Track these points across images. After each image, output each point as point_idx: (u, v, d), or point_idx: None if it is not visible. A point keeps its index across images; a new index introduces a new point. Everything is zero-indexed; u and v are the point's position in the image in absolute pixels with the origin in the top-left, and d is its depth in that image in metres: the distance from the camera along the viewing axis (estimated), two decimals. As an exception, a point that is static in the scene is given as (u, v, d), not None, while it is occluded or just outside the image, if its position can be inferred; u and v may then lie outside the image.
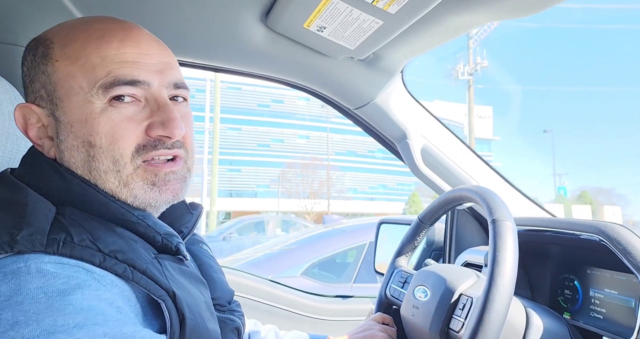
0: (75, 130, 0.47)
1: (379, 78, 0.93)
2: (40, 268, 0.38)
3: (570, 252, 0.81)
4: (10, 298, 0.35)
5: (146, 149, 0.48)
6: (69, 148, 0.48)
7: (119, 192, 0.48)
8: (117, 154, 0.47)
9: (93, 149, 0.47)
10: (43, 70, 0.49)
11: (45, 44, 0.49)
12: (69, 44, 0.48)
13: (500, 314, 0.56)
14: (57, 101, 0.48)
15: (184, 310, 0.44)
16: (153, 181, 0.49)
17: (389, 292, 0.85)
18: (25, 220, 0.41)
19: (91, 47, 0.48)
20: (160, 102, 0.49)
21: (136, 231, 0.47)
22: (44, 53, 0.49)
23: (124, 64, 0.48)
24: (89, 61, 0.47)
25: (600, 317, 0.71)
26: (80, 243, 0.41)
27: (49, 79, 0.48)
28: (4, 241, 0.38)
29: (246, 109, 31.23)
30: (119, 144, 0.47)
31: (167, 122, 0.48)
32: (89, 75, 0.47)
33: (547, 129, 30.04)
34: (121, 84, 0.47)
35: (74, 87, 0.47)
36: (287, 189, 27.45)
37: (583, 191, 27.51)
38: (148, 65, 0.49)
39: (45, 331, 0.34)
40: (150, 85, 0.49)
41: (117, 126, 0.47)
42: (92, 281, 0.39)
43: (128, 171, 0.48)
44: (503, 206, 0.64)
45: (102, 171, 0.47)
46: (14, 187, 0.45)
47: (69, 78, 0.48)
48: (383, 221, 1.42)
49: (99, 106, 0.47)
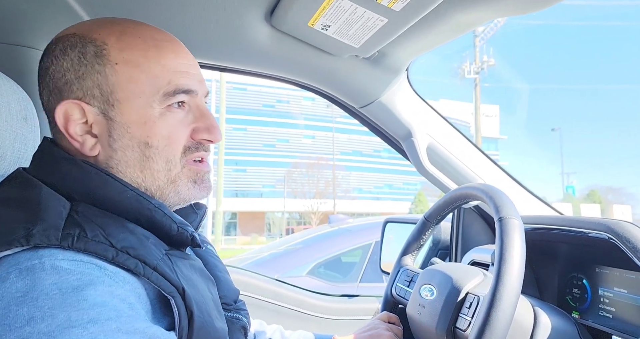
0: (132, 131, 0.50)
1: (384, 76, 0.93)
2: (55, 265, 0.39)
3: (579, 251, 0.80)
4: (26, 294, 0.36)
5: (191, 150, 0.53)
6: (123, 147, 0.50)
7: (164, 188, 0.52)
8: (170, 155, 0.52)
9: (149, 150, 0.51)
10: (98, 70, 0.50)
11: (95, 44, 0.51)
12: (126, 49, 0.51)
13: (507, 313, 0.56)
14: (114, 101, 0.50)
15: (193, 307, 0.44)
16: (195, 179, 0.54)
17: (395, 291, 0.84)
18: (40, 216, 0.42)
19: (151, 56, 0.51)
20: (203, 109, 0.55)
21: (151, 221, 0.48)
22: (98, 53, 0.50)
23: (180, 74, 0.52)
24: (151, 68, 0.51)
25: (610, 316, 0.70)
26: (94, 238, 0.42)
27: (107, 80, 0.50)
28: (20, 235, 0.39)
29: (251, 109, 31.32)
30: (173, 145, 0.52)
31: (212, 128, 0.54)
32: (151, 82, 0.51)
33: (555, 128, 29.81)
34: (180, 93, 0.52)
35: (135, 91, 0.50)
36: (292, 189, 27.48)
37: (592, 189, 27.25)
38: (194, 76, 0.54)
39: (60, 326, 0.35)
40: (197, 94, 0.54)
41: (172, 129, 0.52)
42: (105, 277, 0.40)
43: (177, 169, 0.53)
44: (510, 204, 0.63)
45: (155, 169, 0.51)
46: (28, 185, 0.46)
47: (131, 82, 0.50)
48: (389, 220, 1.42)
49: (157, 110, 0.51)
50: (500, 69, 36.95)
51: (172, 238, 0.49)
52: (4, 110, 0.53)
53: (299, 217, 29.05)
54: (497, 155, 33.87)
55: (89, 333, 0.35)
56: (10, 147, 0.55)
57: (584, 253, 0.79)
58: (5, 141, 0.53)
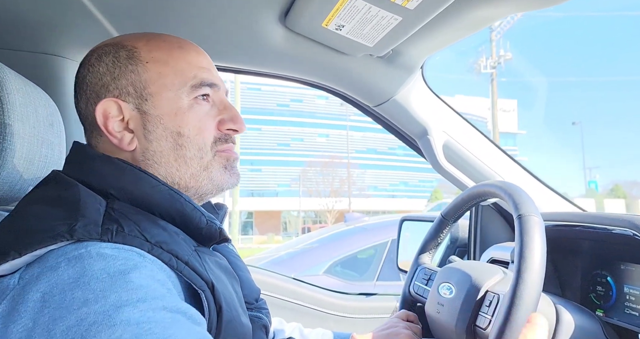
0: (165, 122, 0.54)
1: (398, 75, 0.93)
2: (100, 252, 0.42)
3: (602, 248, 0.78)
4: (78, 280, 0.39)
5: (220, 141, 0.57)
6: (157, 138, 0.54)
7: (198, 174, 0.55)
8: (202, 143, 0.55)
9: (182, 138, 0.54)
10: (132, 69, 0.54)
11: (126, 49, 0.55)
12: (154, 51, 0.55)
13: (528, 311, 0.55)
14: (147, 96, 0.54)
15: (222, 302, 0.46)
16: (225, 165, 0.57)
17: (413, 289, 0.84)
18: (80, 213, 0.44)
19: (176, 54, 0.56)
20: (226, 103, 0.59)
21: (182, 213, 0.51)
22: (130, 56, 0.55)
23: (204, 70, 0.57)
24: (178, 65, 0.55)
25: (636, 314, 0.68)
26: (130, 233, 0.45)
27: (139, 77, 0.54)
28: (63, 230, 0.42)
29: (266, 109, 31.49)
30: (203, 134, 0.55)
31: (236, 118, 0.58)
32: (179, 76, 0.55)
33: (575, 122, 29.03)
34: (205, 85, 0.56)
35: (166, 84, 0.54)
36: (307, 188, 27.54)
37: (616, 184, 26.49)
38: (215, 73, 0.59)
39: (114, 306, 0.38)
40: (219, 89, 0.58)
41: (201, 119, 0.55)
42: (146, 262, 0.43)
43: (209, 157, 0.56)
44: (529, 201, 0.63)
45: (189, 157, 0.55)
46: (66, 184, 0.49)
47: (161, 77, 0.54)
48: (405, 218, 1.41)
49: (186, 101, 0.55)
50: (518, 62, 36.14)
51: (202, 232, 0.52)
52: (31, 116, 0.56)
53: (314, 216, 29.10)
54: (516, 150, 33.23)
55: (139, 310, 0.38)
56: (38, 152, 0.57)
57: (608, 250, 0.77)
58: (33, 146, 0.56)
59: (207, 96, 0.56)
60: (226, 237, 0.54)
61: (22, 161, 0.54)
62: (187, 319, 0.40)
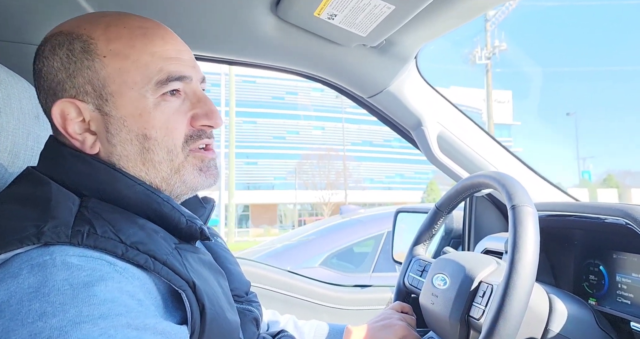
0: (129, 124, 0.49)
1: (392, 65, 0.92)
2: (65, 261, 0.39)
3: (595, 237, 0.79)
4: (38, 290, 0.37)
5: (193, 139, 0.52)
6: (121, 142, 0.50)
7: (169, 178, 0.51)
8: (171, 144, 0.51)
9: (148, 142, 0.50)
10: (88, 65, 0.49)
11: (81, 40, 0.49)
12: (113, 41, 0.49)
13: (521, 301, 0.55)
14: (107, 96, 0.49)
15: (204, 300, 0.44)
16: (200, 167, 0.53)
17: (408, 280, 0.84)
18: (50, 213, 0.42)
19: (139, 45, 0.50)
20: (200, 95, 0.53)
21: (160, 214, 0.48)
22: (85, 49, 0.49)
23: (171, 60, 0.50)
24: (140, 58, 0.49)
25: (628, 302, 0.69)
26: (103, 235, 0.42)
27: (97, 74, 0.49)
28: (31, 233, 0.40)
29: (261, 102, 31.33)
30: (172, 135, 0.51)
31: (210, 113, 0.52)
32: (142, 71, 0.49)
33: (570, 112, 29.18)
34: (173, 80, 0.50)
35: (127, 82, 0.49)
36: (304, 181, 27.55)
37: (609, 174, 26.71)
38: (186, 61, 0.52)
39: (72, 321, 0.35)
40: (191, 80, 0.52)
41: (169, 118, 0.50)
42: (115, 273, 0.40)
43: (180, 159, 0.52)
44: (523, 191, 0.62)
45: (157, 161, 0.50)
46: (38, 182, 0.47)
47: (122, 74, 0.49)
48: (400, 210, 1.41)
49: (152, 100, 0.50)
50: (513, 53, 36.17)
51: (182, 232, 0.49)
52: (16, 109, 0.54)
53: (310, 209, 29.16)
54: (511, 141, 33.39)
55: (99, 329, 0.35)
56: (24, 146, 0.56)
57: (601, 239, 0.77)
58: (18, 139, 0.54)
59: (177, 91, 0.51)
60: (207, 237, 0.51)
61: (6, 155, 0.52)
62: (157, 335, 0.38)
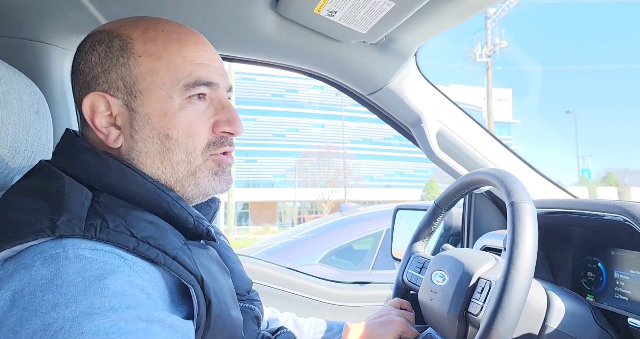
0: (153, 122, 0.51)
1: (392, 62, 0.92)
2: (78, 254, 0.40)
3: (593, 234, 0.79)
4: (51, 281, 0.37)
5: (216, 145, 0.53)
6: (143, 139, 0.51)
7: (184, 180, 0.52)
8: (191, 147, 0.52)
9: (169, 142, 0.51)
10: (123, 63, 0.51)
11: (121, 39, 0.52)
12: (149, 42, 0.52)
13: (520, 297, 0.56)
14: (136, 93, 0.51)
15: (211, 296, 0.45)
16: (216, 171, 0.54)
17: (407, 277, 0.85)
18: (64, 207, 0.43)
19: (172, 48, 0.52)
20: (224, 103, 0.55)
21: (169, 213, 0.49)
22: (123, 47, 0.51)
23: (201, 66, 0.52)
24: (172, 60, 0.51)
25: (626, 299, 0.69)
26: (116, 229, 0.43)
27: (130, 72, 0.51)
28: (45, 226, 0.41)
29: (261, 99, 31.28)
30: (193, 138, 0.52)
31: (233, 120, 0.54)
32: (172, 73, 0.51)
33: (569, 110, 29.20)
34: (201, 84, 0.52)
35: (156, 82, 0.51)
36: (303, 179, 27.55)
37: (608, 172, 26.73)
38: (216, 69, 0.54)
39: (84, 313, 0.36)
40: (218, 86, 0.54)
41: (192, 121, 0.52)
42: (125, 267, 0.41)
43: (198, 162, 0.53)
44: (521, 188, 0.63)
45: (175, 161, 0.52)
46: (52, 176, 0.48)
47: (153, 73, 0.51)
48: (399, 207, 1.42)
49: (177, 102, 0.51)
50: (513, 51, 36.09)
51: (189, 231, 0.50)
52: (16, 104, 0.54)
53: (310, 207, 29.18)
54: (511, 139, 33.36)
55: (110, 320, 0.36)
56: (24, 141, 0.56)
57: (599, 236, 0.77)
58: (19, 135, 0.55)
59: (203, 95, 0.53)
60: (213, 238, 0.52)
61: (7, 150, 0.53)
62: (165, 328, 0.39)
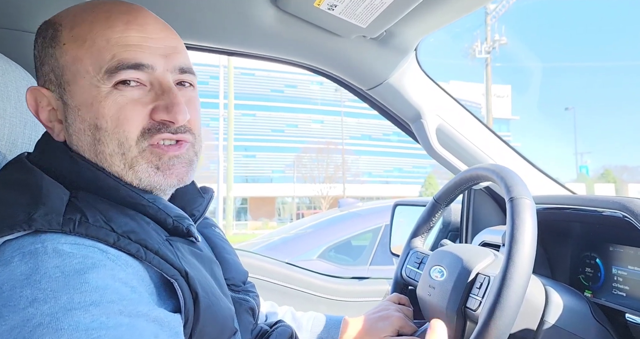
0: (82, 113, 0.48)
1: (392, 57, 0.91)
2: (57, 248, 0.39)
3: (592, 230, 0.79)
4: (29, 277, 0.37)
5: (151, 132, 0.48)
6: (76, 132, 0.49)
7: (124, 174, 0.49)
8: (122, 136, 0.48)
9: (99, 132, 0.47)
10: (52, 53, 0.49)
11: (54, 27, 0.49)
12: (76, 27, 0.48)
13: (518, 293, 0.56)
14: (64, 84, 0.48)
15: (197, 289, 0.44)
16: (157, 164, 0.49)
17: (405, 272, 0.85)
18: (41, 200, 0.42)
19: (97, 30, 0.48)
20: (165, 86, 0.49)
21: (147, 214, 0.48)
22: (53, 36, 0.49)
23: (128, 47, 0.47)
24: (95, 44, 0.47)
25: (623, 294, 0.70)
26: (95, 223, 0.42)
27: (57, 63, 0.49)
28: (21, 219, 0.39)
29: (260, 94, 31.19)
30: (124, 127, 0.47)
31: (171, 106, 0.48)
32: (94, 59, 0.47)
33: (568, 107, 29.19)
34: (125, 68, 0.47)
35: (80, 71, 0.48)
36: (302, 174, 27.55)
37: (606, 169, 26.80)
38: (153, 49, 0.49)
39: (63, 308, 0.35)
40: (154, 69, 0.49)
41: (122, 108, 0.47)
42: (107, 261, 0.40)
43: (133, 153, 0.48)
44: (521, 184, 0.63)
45: (108, 153, 0.48)
46: (28, 171, 0.47)
47: (76, 62, 0.48)
48: (398, 203, 1.42)
49: (104, 89, 0.47)
50: (513, 47, 35.92)
51: (169, 229, 0.49)
52: (13, 97, 0.54)
53: (309, 202, 29.22)
54: (509, 136, 33.40)
55: (91, 315, 0.35)
56: (21, 134, 0.55)
57: (598, 232, 0.78)
58: (15, 128, 0.54)
59: (136, 81, 0.48)
60: (194, 237, 0.50)
61: (4, 142, 0.52)
62: (150, 323, 0.38)
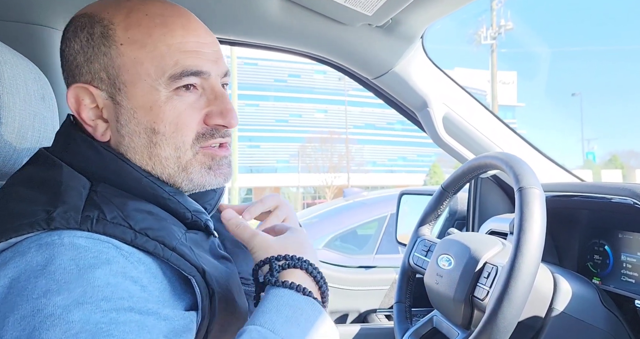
0: (139, 116, 0.48)
1: (398, 45, 0.90)
2: (73, 242, 0.40)
3: (601, 217, 0.79)
4: (45, 268, 0.37)
5: (205, 137, 0.50)
6: (130, 133, 0.49)
7: (176, 176, 0.50)
8: (180, 141, 0.49)
9: (156, 136, 0.48)
10: (105, 52, 0.48)
11: (102, 24, 0.49)
12: (132, 28, 0.48)
13: (526, 283, 0.56)
14: (120, 85, 0.48)
15: (214, 285, 0.45)
16: (209, 165, 0.51)
17: (413, 260, 0.85)
18: (60, 198, 0.42)
19: (156, 34, 0.48)
20: (217, 92, 0.51)
21: (166, 207, 0.48)
22: (104, 34, 0.48)
23: (189, 54, 0.48)
24: (156, 49, 0.48)
25: (632, 281, 0.70)
26: (113, 220, 0.42)
27: (112, 62, 0.48)
28: (40, 218, 0.40)
29: (263, 84, 31.04)
30: (182, 131, 0.49)
31: (226, 112, 0.50)
32: (156, 64, 0.48)
33: (575, 93, 28.84)
34: (188, 75, 0.48)
35: (140, 74, 0.48)
36: (306, 164, 27.55)
37: (613, 155, 26.52)
38: (207, 55, 0.50)
39: (76, 301, 0.36)
40: (210, 75, 0.50)
41: (181, 114, 0.48)
42: (120, 257, 0.41)
43: (187, 157, 0.50)
44: (531, 173, 0.62)
45: (164, 157, 0.49)
46: (50, 164, 0.47)
47: (136, 64, 0.48)
48: (404, 192, 1.42)
49: (164, 94, 0.48)
50: (519, 33, 35.34)
51: (187, 223, 0.50)
52: (21, 89, 0.54)
53: (313, 192, 29.27)
54: (515, 123, 33.07)
55: (102, 311, 0.36)
56: (31, 127, 0.56)
57: (606, 219, 0.77)
58: (25, 121, 0.54)
59: (193, 86, 0.49)
60: (211, 233, 0.51)
61: (14, 135, 0.52)
62: (161, 321, 0.38)
